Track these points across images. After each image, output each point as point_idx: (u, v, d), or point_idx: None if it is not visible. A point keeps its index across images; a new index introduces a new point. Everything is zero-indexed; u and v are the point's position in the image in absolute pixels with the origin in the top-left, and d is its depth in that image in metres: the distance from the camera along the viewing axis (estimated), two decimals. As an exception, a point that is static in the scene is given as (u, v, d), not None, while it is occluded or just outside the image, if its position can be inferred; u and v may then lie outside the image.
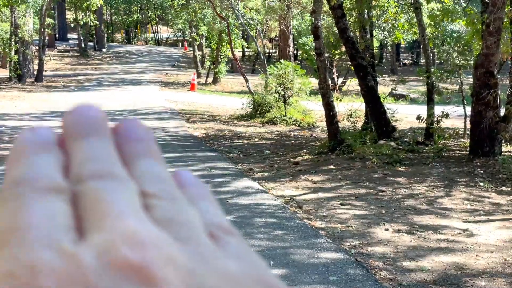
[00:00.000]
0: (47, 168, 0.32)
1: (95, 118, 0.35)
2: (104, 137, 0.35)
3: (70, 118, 0.35)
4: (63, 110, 11.17)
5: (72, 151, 0.34)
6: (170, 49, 55.81)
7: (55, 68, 37.48)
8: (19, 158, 0.33)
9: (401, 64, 43.91)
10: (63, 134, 0.35)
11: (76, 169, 0.33)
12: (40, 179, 0.32)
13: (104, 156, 0.33)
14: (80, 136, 0.34)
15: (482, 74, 11.64)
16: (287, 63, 19.03)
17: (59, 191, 0.31)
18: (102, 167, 0.33)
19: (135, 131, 0.37)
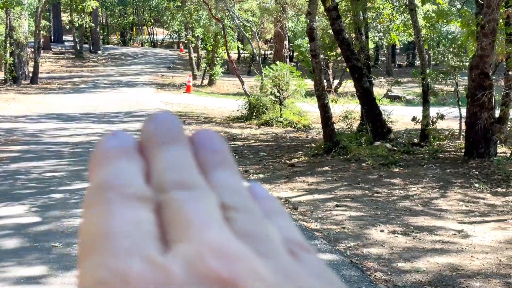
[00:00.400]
0: (132, 175, 0.33)
1: (173, 126, 0.36)
2: (183, 146, 0.35)
3: (149, 125, 0.36)
4: (58, 112, 11.14)
5: (152, 159, 0.34)
6: (166, 51, 55.77)
7: (51, 70, 37.43)
8: (102, 162, 0.34)
9: (396, 66, 43.97)
10: (142, 140, 0.35)
11: (158, 177, 0.33)
12: (127, 186, 0.32)
13: (185, 166, 0.34)
14: (159, 144, 0.35)
15: (477, 76, 11.66)
16: (282, 64, 19.04)
17: (145, 199, 0.32)
18: (184, 176, 0.33)
19: (211, 141, 0.37)
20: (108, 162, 0.33)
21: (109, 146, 0.34)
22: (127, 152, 0.34)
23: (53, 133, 15.97)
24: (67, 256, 6.68)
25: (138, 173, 0.33)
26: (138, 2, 61.52)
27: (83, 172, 11.14)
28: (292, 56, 38.18)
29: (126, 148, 0.34)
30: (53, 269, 6.32)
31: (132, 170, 0.33)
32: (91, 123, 18.04)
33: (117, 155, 0.34)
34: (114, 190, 0.32)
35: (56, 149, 13.66)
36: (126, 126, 17.43)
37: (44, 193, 9.56)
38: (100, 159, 0.34)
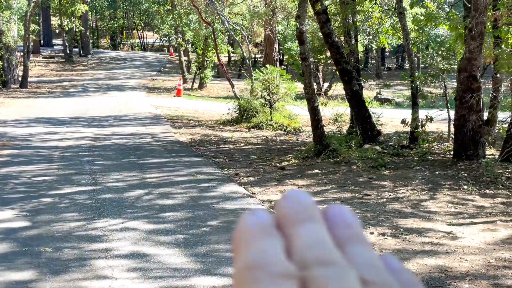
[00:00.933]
0: (275, 253, 0.35)
1: (308, 204, 0.38)
2: (319, 223, 0.38)
3: (284, 203, 0.38)
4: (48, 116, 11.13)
5: (292, 236, 0.37)
6: (156, 54, 55.72)
7: (40, 74, 37.32)
8: (247, 241, 0.36)
9: (386, 69, 44.10)
10: (278, 217, 0.38)
11: (299, 254, 0.35)
12: (273, 264, 0.34)
13: (323, 242, 0.36)
14: (297, 222, 0.37)
15: (465, 78, 11.73)
16: (272, 68, 19.08)
17: (290, 276, 0.34)
18: (324, 253, 0.35)
19: (344, 216, 0.40)
20: (252, 241, 0.36)
21: (250, 224, 0.37)
22: (267, 230, 0.37)
23: (43, 137, 15.94)
24: (57, 260, 6.67)
25: (280, 250, 0.35)
26: (128, 6, 61.43)
27: (73, 176, 11.12)
28: (282, 59, 38.24)
29: (266, 226, 0.37)
30: (42, 273, 6.32)
31: (275, 248, 0.35)
32: (81, 127, 18.01)
33: (259, 233, 0.36)
34: (262, 270, 0.34)
35: (45, 153, 13.63)
36: (116, 130, 17.41)
37: (34, 197, 9.55)
38: (244, 237, 0.36)
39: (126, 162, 12.70)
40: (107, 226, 7.98)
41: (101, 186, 10.33)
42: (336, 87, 22.25)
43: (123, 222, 8.17)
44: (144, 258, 6.78)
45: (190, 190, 10.15)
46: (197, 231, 7.80)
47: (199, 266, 6.52)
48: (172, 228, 7.92)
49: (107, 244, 7.26)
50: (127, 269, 6.45)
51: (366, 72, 26.13)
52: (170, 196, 9.65)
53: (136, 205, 9.12)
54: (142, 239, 7.46)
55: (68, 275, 6.27)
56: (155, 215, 8.53)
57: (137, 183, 10.66)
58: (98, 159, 12.95)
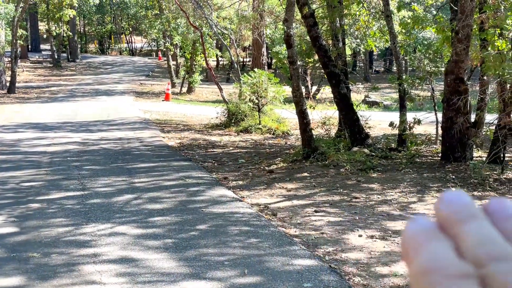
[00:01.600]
0: (447, 254, 0.35)
1: (467, 203, 0.38)
2: (483, 219, 0.38)
3: (443, 205, 0.38)
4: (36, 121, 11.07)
5: (458, 236, 0.37)
6: (145, 59, 55.66)
7: (28, 80, 37.19)
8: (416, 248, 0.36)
9: (374, 72, 44.24)
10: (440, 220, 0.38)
11: (471, 252, 0.35)
12: (448, 266, 0.35)
13: (493, 238, 0.36)
14: (460, 222, 0.37)
15: (452, 81, 11.79)
16: (260, 71, 19.09)
17: (467, 276, 0.34)
18: (497, 249, 0.35)
19: (506, 209, 0.39)
20: (421, 246, 0.36)
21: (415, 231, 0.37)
22: (433, 234, 0.37)
23: (31, 142, 15.87)
24: (45, 266, 6.65)
25: (451, 252, 0.36)
26: (116, 11, 61.33)
27: (61, 182, 11.08)
28: (271, 63, 38.28)
29: (431, 230, 0.37)
30: (30, 279, 6.29)
31: (446, 250, 0.36)
32: (69, 132, 17.95)
33: (426, 238, 0.37)
34: (437, 273, 0.34)
35: (33, 159, 13.58)
36: (104, 135, 17.37)
37: (22, 203, 9.51)
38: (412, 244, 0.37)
39: (114, 167, 12.67)
40: (95, 231, 7.95)
41: (89, 191, 10.30)
42: (325, 90, 22.30)
43: (111, 227, 8.15)
44: (133, 262, 6.76)
45: (179, 194, 10.14)
46: (185, 235, 7.79)
47: (188, 270, 6.51)
48: (160, 232, 7.90)
49: (95, 249, 7.24)
50: (115, 274, 6.44)
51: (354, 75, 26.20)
52: (159, 201, 9.63)
53: (125, 210, 9.10)
54: (130, 243, 7.44)
55: (56, 281, 6.25)
56: (144, 220, 8.52)
57: (126, 187, 10.63)
58: (87, 164, 12.91)
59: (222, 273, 6.43)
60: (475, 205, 0.39)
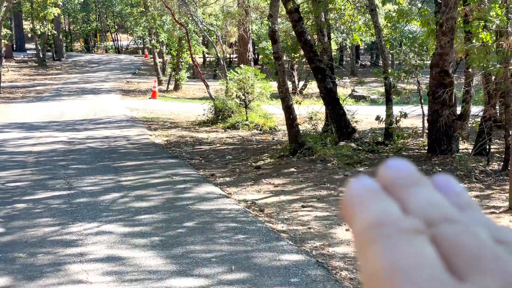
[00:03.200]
0: (397, 211, 0.34)
1: (412, 171, 0.38)
2: (430, 187, 0.37)
3: (388, 171, 0.38)
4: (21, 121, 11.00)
5: (405, 199, 0.36)
6: (131, 57, 55.46)
7: (13, 79, 36.95)
8: (363, 204, 0.35)
9: (360, 66, 44.30)
10: (384, 184, 0.37)
11: (420, 213, 0.35)
12: (400, 220, 0.34)
13: (442, 202, 0.35)
14: (407, 186, 0.36)
15: (437, 74, 11.82)
16: (246, 68, 19.07)
17: (421, 232, 0.33)
18: (447, 212, 0.35)
19: (451, 185, 0.39)
20: (369, 202, 0.35)
21: (360, 189, 0.36)
22: (378, 193, 0.36)
23: (16, 142, 15.78)
24: (31, 266, 6.61)
25: (398, 210, 0.35)
26: (101, 8, 61.06)
27: (47, 181, 11.03)
28: (257, 58, 38.25)
29: (377, 189, 0.36)
30: (16, 280, 6.25)
31: (393, 208, 0.35)
32: (55, 131, 17.86)
33: (373, 196, 0.36)
34: (389, 226, 0.33)
35: (19, 159, 13.50)
36: (91, 134, 17.29)
37: (7, 203, 9.45)
38: (358, 201, 0.36)
39: (101, 165, 12.62)
40: (82, 230, 7.92)
41: (76, 191, 10.25)
42: (311, 85, 22.31)
43: (98, 226, 8.11)
44: (120, 261, 6.74)
45: (166, 192, 10.11)
46: (173, 232, 7.77)
47: (175, 268, 6.49)
48: (147, 230, 7.88)
49: (82, 248, 7.20)
50: (102, 272, 6.41)
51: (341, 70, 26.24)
52: (146, 199, 9.60)
53: (112, 209, 9.06)
54: (117, 242, 7.41)
55: (43, 281, 6.21)
56: (131, 218, 8.48)
57: (113, 186, 10.59)
58: (73, 163, 12.85)
59: (210, 269, 6.42)
60: (421, 175, 0.38)
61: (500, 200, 9.36)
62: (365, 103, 25.29)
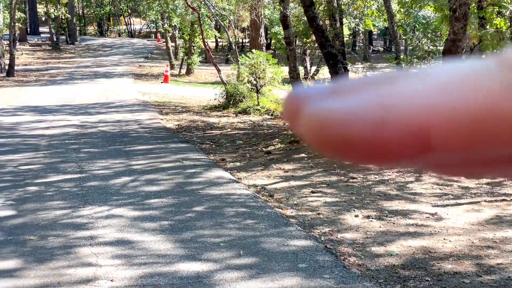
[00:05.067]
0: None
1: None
2: None
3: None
4: (35, 104, 11.07)
5: None
6: (144, 41, 55.49)
7: (27, 63, 37.10)
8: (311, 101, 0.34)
9: (372, 51, 44.06)
10: None
11: None
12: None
13: None
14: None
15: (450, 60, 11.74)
16: (258, 52, 19.02)
17: None
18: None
19: None
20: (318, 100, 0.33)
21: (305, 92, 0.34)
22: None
23: (29, 125, 15.87)
24: (42, 249, 6.67)
25: None
26: (114, -8, 61.05)
27: (59, 165, 11.09)
28: (270, 43, 38.15)
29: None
30: (27, 262, 6.32)
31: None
32: (67, 115, 17.94)
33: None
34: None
35: (32, 142, 13.58)
36: (103, 117, 17.36)
37: (20, 186, 9.52)
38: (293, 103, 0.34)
39: (112, 149, 12.68)
40: (92, 214, 7.97)
41: (87, 174, 10.31)
42: (323, 71, 22.25)
43: (108, 210, 8.17)
44: (129, 245, 6.79)
45: (176, 176, 10.15)
46: (182, 217, 7.81)
47: (184, 252, 6.53)
48: (157, 214, 7.92)
49: (92, 231, 7.26)
50: (111, 256, 6.46)
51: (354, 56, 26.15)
52: (156, 183, 9.64)
53: (122, 192, 9.11)
54: (127, 226, 7.46)
55: (53, 263, 6.27)
56: (141, 202, 8.53)
57: (123, 170, 10.64)
58: (85, 147, 12.92)
59: (218, 254, 6.45)
60: None
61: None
62: (378, 89, 25.14)
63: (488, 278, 5.97)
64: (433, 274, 6.03)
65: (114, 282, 5.79)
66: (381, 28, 35.11)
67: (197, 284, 5.73)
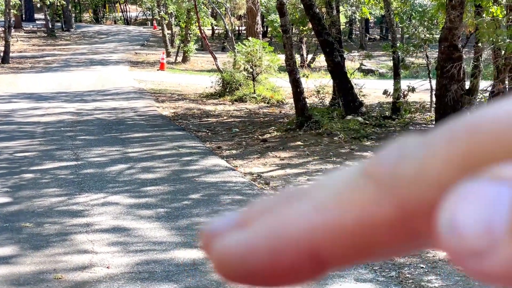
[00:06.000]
0: None
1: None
2: None
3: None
4: (30, 91, 11.04)
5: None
6: (140, 28, 55.30)
7: (22, 49, 36.95)
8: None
9: (368, 40, 43.99)
10: None
11: None
12: None
13: None
14: None
15: (446, 48, 11.74)
16: (255, 40, 18.98)
17: None
18: None
19: None
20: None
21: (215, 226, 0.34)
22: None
23: (25, 113, 15.84)
24: (38, 236, 6.68)
25: None
26: (110, -21, 60.76)
27: (55, 152, 11.09)
28: (266, 31, 38.06)
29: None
30: (23, 249, 6.32)
31: None
32: (63, 102, 17.90)
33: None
34: None
35: (27, 129, 13.56)
36: (99, 105, 17.33)
37: (15, 173, 9.52)
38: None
39: (108, 137, 12.67)
40: (88, 201, 7.98)
41: (83, 161, 10.31)
42: (320, 59, 22.22)
43: (104, 197, 8.17)
44: (125, 232, 6.80)
45: (172, 164, 10.15)
46: (178, 204, 7.82)
47: (180, 239, 6.55)
48: (153, 202, 7.93)
49: (88, 219, 7.27)
50: (107, 243, 6.47)
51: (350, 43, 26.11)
52: (152, 170, 9.65)
53: (118, 180, 9.12)
54: (123, 213, 7.47)
55: (49, 250, 6.28)
56: (137, 189, 8.54)
57: (119, 157, 10.64)
58: (80, 134, 12.91)
59: (214, 241, 6.46)
60: None
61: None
62: (374, 77, 25.17)
63: (483, 265, 6.00)
64: (428, 261, 6.06)
65: (110, 269, 5.80)
66: (378, 16, 35.06)
67: (192, 272, 5.75)
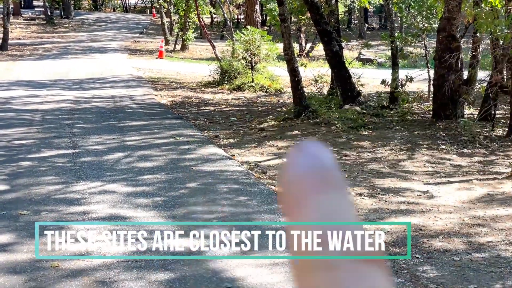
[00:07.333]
0: None
1: None
2: None
3: None
4: (28, 79, 11.00)
5: None
6: (139, 16, 55.12)
7: (21, 37, 36.84)
8: None
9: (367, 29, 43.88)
10: None
11: None
12: None
13: None
14: None
15: (444, 38, 11.74)
16: (253, 29, 18.94)
17: None
18: None
19: None
20: None
21: None
22: None
23: (23, 100, 15.81)
24: (35, 224, 6.69)
25: None
26: (109, -34, 60.50)
27: (52, 140, 11.09)
28: (265, 20, 37.96)
29: None
30: (20, 237, 6.34)
31: None
32: (61, 90, 17.87)
33: None
34: None
35: (25, 117, 13.55)
36: (97, 93, 17.30)
37: (13, 161, 9.52)
38: None
39: (106, 125, 12.67)
40: (85, 189, 7.99)
41: (80, 150, 10.32)
42: (318, 48, 22.18)
43: (102, 185, 8.19)
44: (122, 220, 6.82)
45: (170, 152, 10.16)
46: (175, 193, 7.83)
47: (176, 228, 6.56)
48: (150, 190, 7.95)
49: (85, 207, 7.28)
50: (104, 231, 6.48)
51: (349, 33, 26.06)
52: (150, 159, 9.66)
53: (115, 168, 9.13)
54: (120, 201, 7.49)
55: (46, 238, 6.28)
56: (134, 178, 8.55)
57: (117, 146, 10.65)
58: (78, 122, 12.90)
59: (210, 230, 6.48)
60: None
61: (503, 166, 9.38)
62: (372, 66, 25.15)
63: (478, 255, 6.04)
64: (424, 251, 6.09)
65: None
66: (376, 6, 34.99)
67: (189, 260, 5.77)
